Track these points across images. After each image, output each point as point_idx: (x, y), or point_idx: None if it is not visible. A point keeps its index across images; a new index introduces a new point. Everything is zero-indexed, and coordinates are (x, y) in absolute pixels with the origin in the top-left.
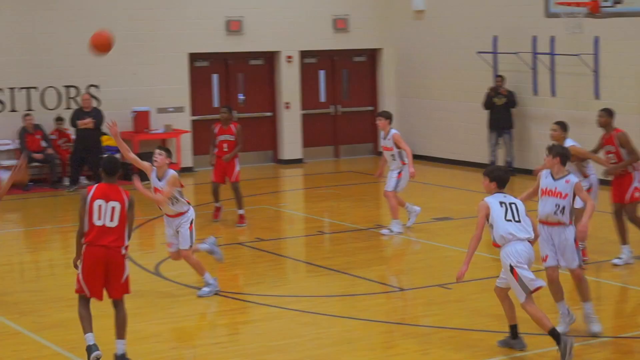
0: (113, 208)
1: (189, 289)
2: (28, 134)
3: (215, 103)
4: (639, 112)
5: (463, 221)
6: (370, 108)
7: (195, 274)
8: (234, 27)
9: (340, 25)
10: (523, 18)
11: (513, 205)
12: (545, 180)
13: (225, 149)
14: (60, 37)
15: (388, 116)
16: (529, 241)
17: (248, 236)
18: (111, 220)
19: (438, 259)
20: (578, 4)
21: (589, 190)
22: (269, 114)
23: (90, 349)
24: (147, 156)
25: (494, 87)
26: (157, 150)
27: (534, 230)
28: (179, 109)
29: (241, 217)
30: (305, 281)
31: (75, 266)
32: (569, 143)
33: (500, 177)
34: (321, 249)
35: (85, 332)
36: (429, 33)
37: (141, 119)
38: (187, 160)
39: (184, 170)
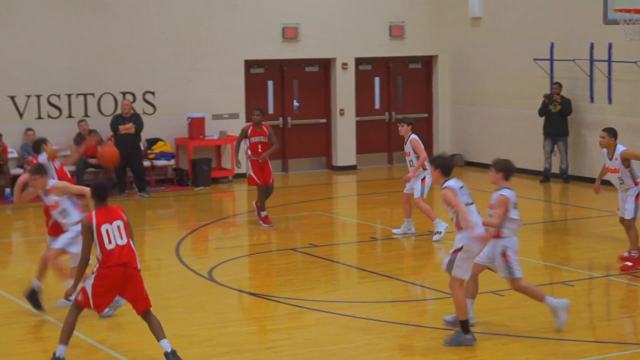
0: (119, 227)
1: (242, 294)
2: (83, 139)
3: (270, 110)
4: None
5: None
6: (424, 115)
7: (250, 279)
8: (290, 34)
9: (396, 32)
10: (581, 25)
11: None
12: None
13: (260, 150)
14: (117, 45)
15: (410, 122)
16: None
17: (301, 242)
18: (121, 238)
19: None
20: (637, 11)
21: (636, 200)
22: (323, 120)
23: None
24: (201, 162)
25: (549, 94)
26: None
27: None
28: (233, 116)
29: (267, 217)
30: (357, 287)
31: (68, 298)
32: (620, 149)
33: (446, 165)
34: (373, 255)
35: (60, 343)
36: (485, 40)
37: (196, 125)
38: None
39: (237, 177)
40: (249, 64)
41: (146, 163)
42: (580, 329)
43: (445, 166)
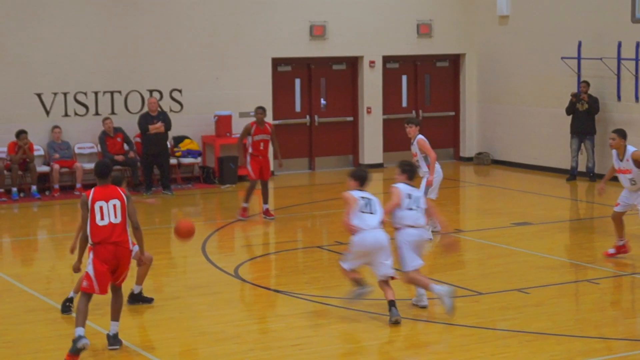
0: (115, 206)
1: (269, 292)
2: (108, 137)
3: (298, 108)
4: None
5: (542, 226)
6: (452, 113)
7: (276, 277)
8: (317, 32)
9: (423, 30)
10: (608, 23)
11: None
12: None
13: (262, 148)
14: (144, 42)
15: (418, 123)
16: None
17: (327, 240)
18: (115, 217)
19: (516, 264)
20: None
21: None
22: (350, 118)
23: (79, 340)
24: (228, 160)
25: (576, 93)
26: None
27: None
28: None
29: (268, 210)
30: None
31: (76, 270)
32: (630, 150)
33: (361, 176)
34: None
35: (77, 325)
36: (512, 38)
37: (223, 123)
38: None
39: None
40: (277, 62)
41: (173, 161)
42: (605, 326)
43: (361, 177)
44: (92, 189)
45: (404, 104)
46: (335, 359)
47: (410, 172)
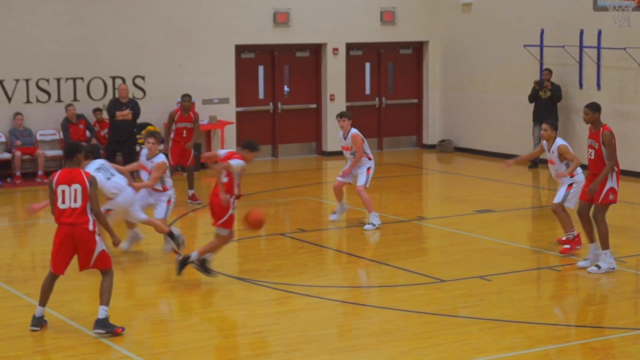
0: (76, 190)
1: (230, 279)
2: (71, 124)
3: (261, 95)
4: None
5: (504, 214)
6: (415, 101)
7: (238, 264)
8: (280, 19)
9: (387, 17)
10: (571, 11)
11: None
12: None
13: (184, 135)
14: (107, 29)
15: (350, 117)
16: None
17: (290, 227)
18: (74, 201)
19: (478, 251)
20: None
21: (568, 188)
22: (313, 106)
23: (35, 320)
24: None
25: (539, 81)
26: (149, 139)
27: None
28: (223, 101)
29: (194, 195)
30: (346, 272)
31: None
32: (558, 142)
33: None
34: (362, 240)
35: (40, 304)
36: (476, 26)
37: None
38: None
39: None
40: (240, 49)
41: (136, 148)
42: (566, 313)
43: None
44: (59, 171)
45: (368, 91)
46: (297, 346)
47: None
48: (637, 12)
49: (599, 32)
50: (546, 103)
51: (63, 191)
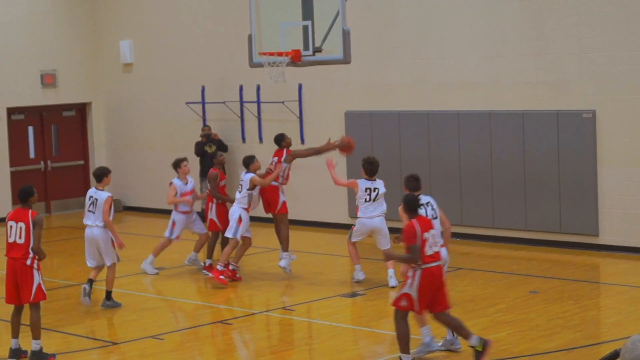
0: (21, 228)
1: None
2: None
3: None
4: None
5: (176, 270)
6: (81, 162)
7: None
8: None
9: (48, 80)
10: (230, 68)
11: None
12: None
13: None
14: None
15: None
16: None
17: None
18: (19, 237)
19: (150, 310)
20: (280, 54)
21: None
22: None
23: (11, 352)
24: None
25: (205, 135)
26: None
27: None
28: None
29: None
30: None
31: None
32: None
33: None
34: None
35: (12, 337)
36: (138, 85)
37: None
38: None
39: None
40: None
41: None
42: None
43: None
44: (13, 210)
45: (32, 155)
46: None
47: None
48: (291, 67)
49: (258, 87)
50: (212, 157)
51: (11, 227)
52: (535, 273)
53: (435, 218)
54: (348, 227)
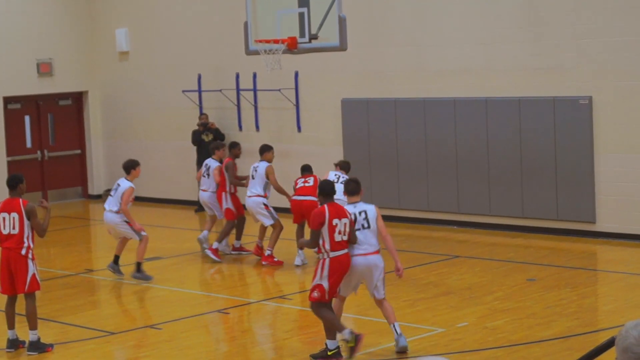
0: (14, 218)
1: None
2: None
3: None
4: (337, 143)
5: (173, 260)
6: (78, 151)
7: None
8: None
9: (44, 69)
10: (226, 56)
11: None
12: None
13: None
14: None
15: None
16: None
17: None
18: (13, 228)
19: (148, 300)
20: (276, 41)
21: None
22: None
23: (9, 342)
24: None
25: (202, 123)
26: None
27: None
28: None
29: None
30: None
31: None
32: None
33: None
34: None
35: (8, 328)
36: (134, 74)
37: None
38: None
39: None
40: None
41: None
42: (234, 355)
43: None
44: (3, 201)
45: (29, 144)
46: None
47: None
48: (288, 55)
49: (254, 75)
50: (209, 146)
51: (4, 218)
52: (532, 261)
53: (367, 228)
54: None
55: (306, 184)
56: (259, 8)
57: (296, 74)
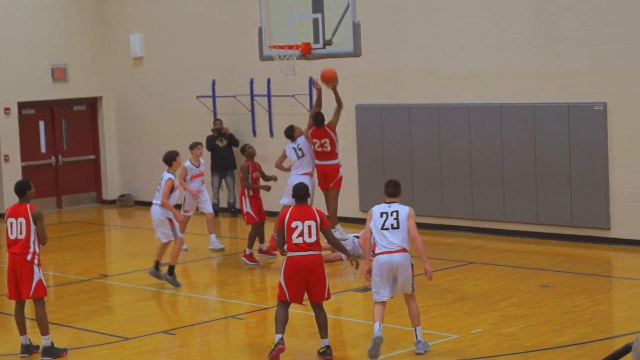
0: (21, 223)
1: None
2: None
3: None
4: (351, 148)
5: (188, 265)
6: (92, 157)
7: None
8: None
9: (58, 74)
10: (240, 62)
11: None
12: None
13: None
14: None
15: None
16: None
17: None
18: (20, 233)
19: (162, 305)
20: (290, 47)
21: None
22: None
23: (23, 347)
24: None
25: (217, 129)
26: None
27: None
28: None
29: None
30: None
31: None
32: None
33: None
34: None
35: (20, 334)
36: (148, 79)
37: None
38: None
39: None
40: None
41: None
42: None
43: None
44: (11, 206)
45: (43, 149)
46: None
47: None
48: (302, 60)
49: (268, 81)
50: (224, 151)
51: (11, 224)
52: (547, 267)
53: (396, 228)
54: (359, 220)
55: (324, 149)
56: (273, 14)
57: (310, 80)
